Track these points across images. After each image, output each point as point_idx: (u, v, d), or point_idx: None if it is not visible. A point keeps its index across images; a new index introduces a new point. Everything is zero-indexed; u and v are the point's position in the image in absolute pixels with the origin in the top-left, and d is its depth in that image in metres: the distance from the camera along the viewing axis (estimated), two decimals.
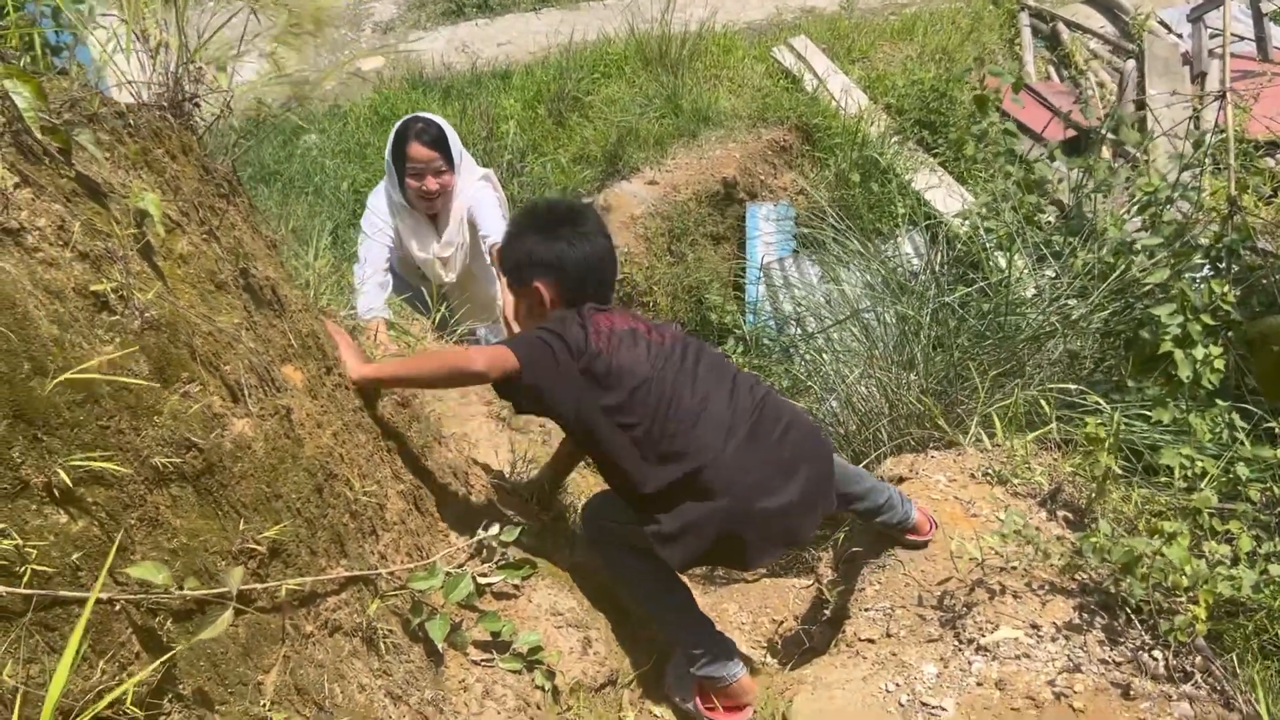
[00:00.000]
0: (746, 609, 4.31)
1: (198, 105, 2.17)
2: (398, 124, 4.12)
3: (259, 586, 1.84)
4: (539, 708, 2.44)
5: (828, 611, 3.70)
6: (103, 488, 1.57)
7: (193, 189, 2.04)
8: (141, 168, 1.92)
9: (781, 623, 4.06)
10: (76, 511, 1.53)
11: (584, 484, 3.77)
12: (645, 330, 2.66)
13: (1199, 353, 3.67)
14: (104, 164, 1.80)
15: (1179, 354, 3.69)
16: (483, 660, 2.42)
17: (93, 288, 1.62)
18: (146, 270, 1.77)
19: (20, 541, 1.44)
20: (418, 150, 4.05)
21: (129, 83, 2.11)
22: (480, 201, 4.36)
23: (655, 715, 2.81)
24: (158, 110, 2.06)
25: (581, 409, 2.54)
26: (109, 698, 1.49)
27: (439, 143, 4.09)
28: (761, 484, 2.56)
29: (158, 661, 1.59)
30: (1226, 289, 3.77)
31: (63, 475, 1.49)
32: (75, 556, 1.51)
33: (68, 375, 1.47)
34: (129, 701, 1.55)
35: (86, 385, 1.55)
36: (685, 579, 2.93)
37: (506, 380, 2.49)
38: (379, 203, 4.24)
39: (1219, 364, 3.67)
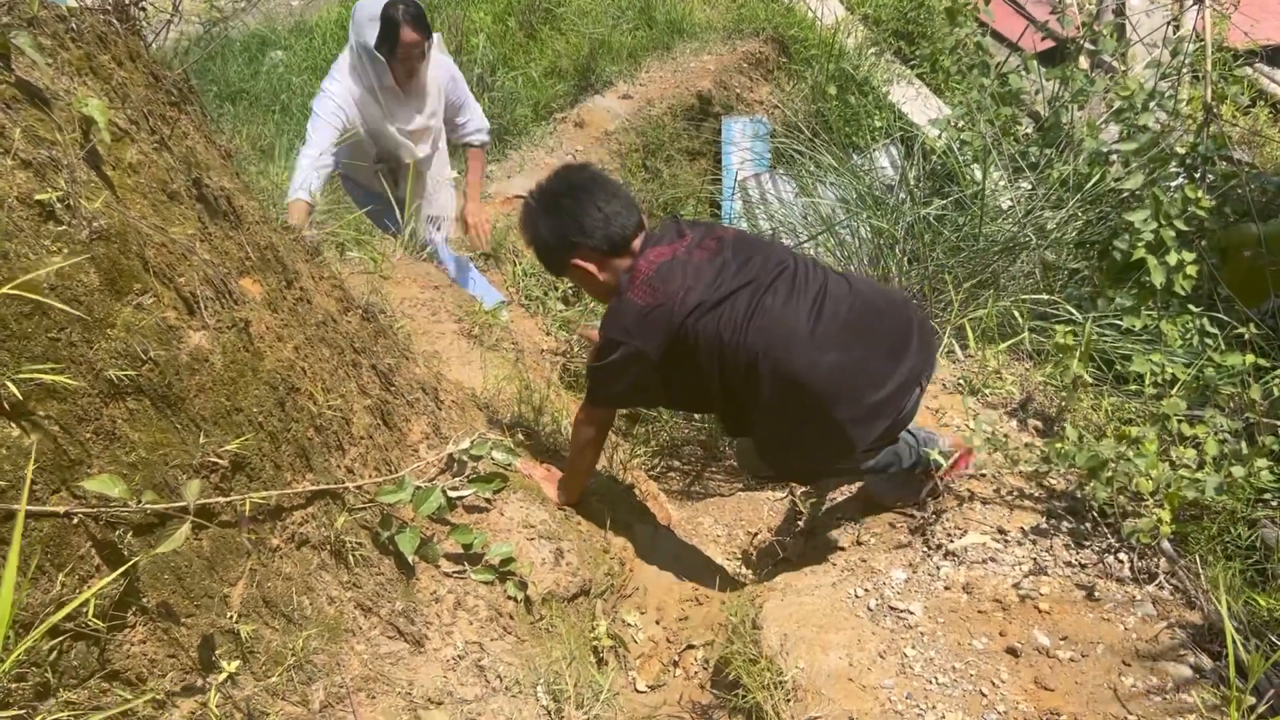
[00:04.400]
0: (721, 522, 4.34)
1: (144, 10, 2.09)
2: (372, 8, 3.89)
3: (221, 500, 1.82)
4: (512, 618, 2.45)
5: (801, 523, 3.74)
6: (55, 401, 1.55)
7: (141, 97, 1.97)
8: (86, 74, 1.85)
9: (755, 534, 4.09)
10: (29, 424, 1.51)
11: (558, 401, 3.77)
12: (686, 251, 2.66)
13: (1172, 259, 3.67)
14: (45, 70, 1.74)
15: (1152, 260, 3.68)
16: (454, 572, 2.42)
17: (37, 196, 1.57)
18: (94, 179, 1.72)
19: None
20: (409, 35, 3.94)
21: None
22: (457, 81, 4.46)
23: (627, 624, 2.84)
24: (102, 14, 1.98)
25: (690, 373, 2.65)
26: (66, 609, 1.48)
27: (423, 21, 4.00)
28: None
29: (116, 573, 1.58)
30: (1200, 194, 3.75)
31: (12, 388, 1.46)
32: (28, 469, 1.49)
33: (10, 287, 1.43)
34: (90, 614, 1.54)
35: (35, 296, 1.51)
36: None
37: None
38: (339, 88, 4.07)
39: (1191, 270, 3.67)
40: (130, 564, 1.61)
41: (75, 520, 1.56)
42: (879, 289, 2.86)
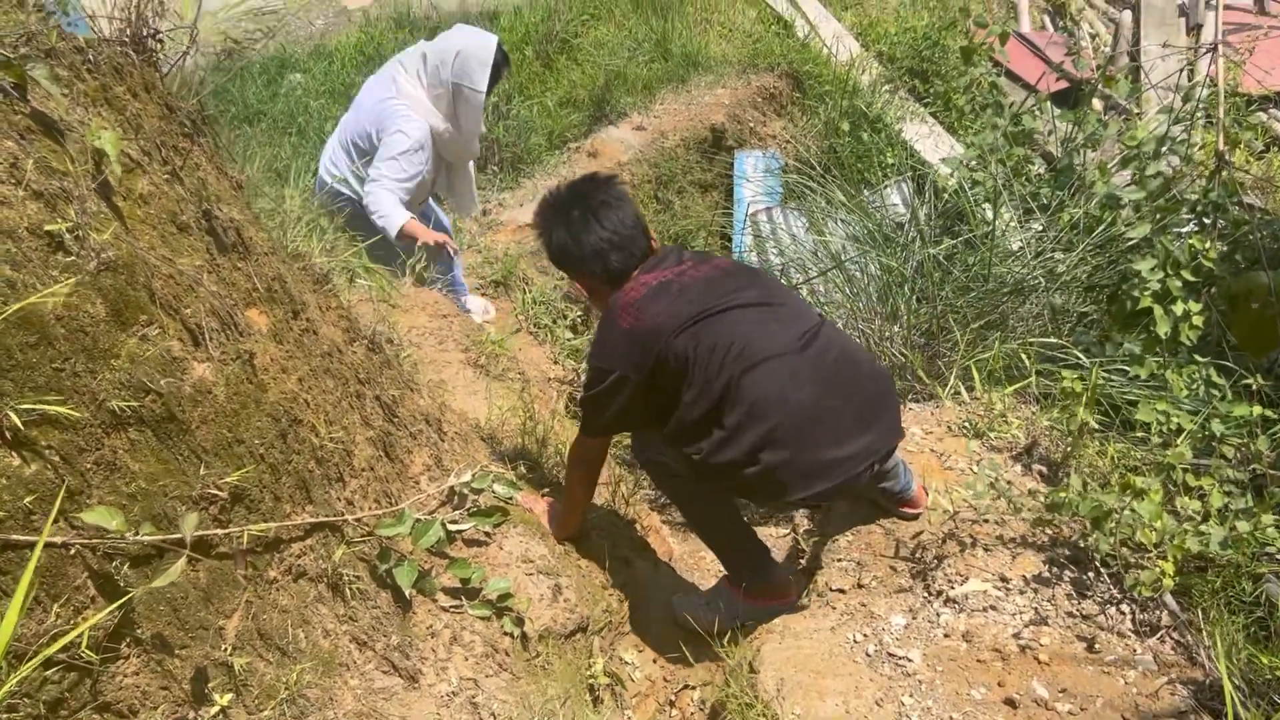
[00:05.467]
0: None
1: (161, 41, 2.11)
2: (480, 53, 4.27)
3: (219, 532, 1.83)
4: (507, 654, 2.44)
5: (803, 561, 3.72)
6: (57, 431, 1.55)
7: (155, 128, 1.99)
8: (101, 105, 1.87)
9: None
10: (30, 454, 1.51)
11: (562, 433, 3.77)
12: (677, 274, 2.66)
13: (1178, 309, 3.66)
14: (61, 101, 1.76)
15: (1158, 310, 3.67)
16: (451, 607, 2.42)
17: (47, 227, 1.58)
18: (104, 210, 1.73)
19: None
20: (503, 72, 4.51)
21: (90, 17, 2.05)
22: None
23: (624, 662, 2.83)
24: (119, 46, 2.01)
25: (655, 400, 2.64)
26: (61, 641, 1.48)
27: (506, 54, 4.55)
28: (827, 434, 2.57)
29: (112, 606, 1.58)
30: (1208, 245, 3.75)
31: (14, 418, 1.47)
32: (28, 500, 1.49)
33: (14, 308, 1.44)
34: (84, 645, 1.54)
35: (40, 327, 1.52)
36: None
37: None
38: (422, 131, 4.32)
39: (1198, 320, 3.66)
40: (126, 598, 1.61)
41: (72, 551, 1.57)
42: (868, 355, 2.87)
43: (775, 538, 4.22)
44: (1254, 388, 3.39)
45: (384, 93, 4.39)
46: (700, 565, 4.22)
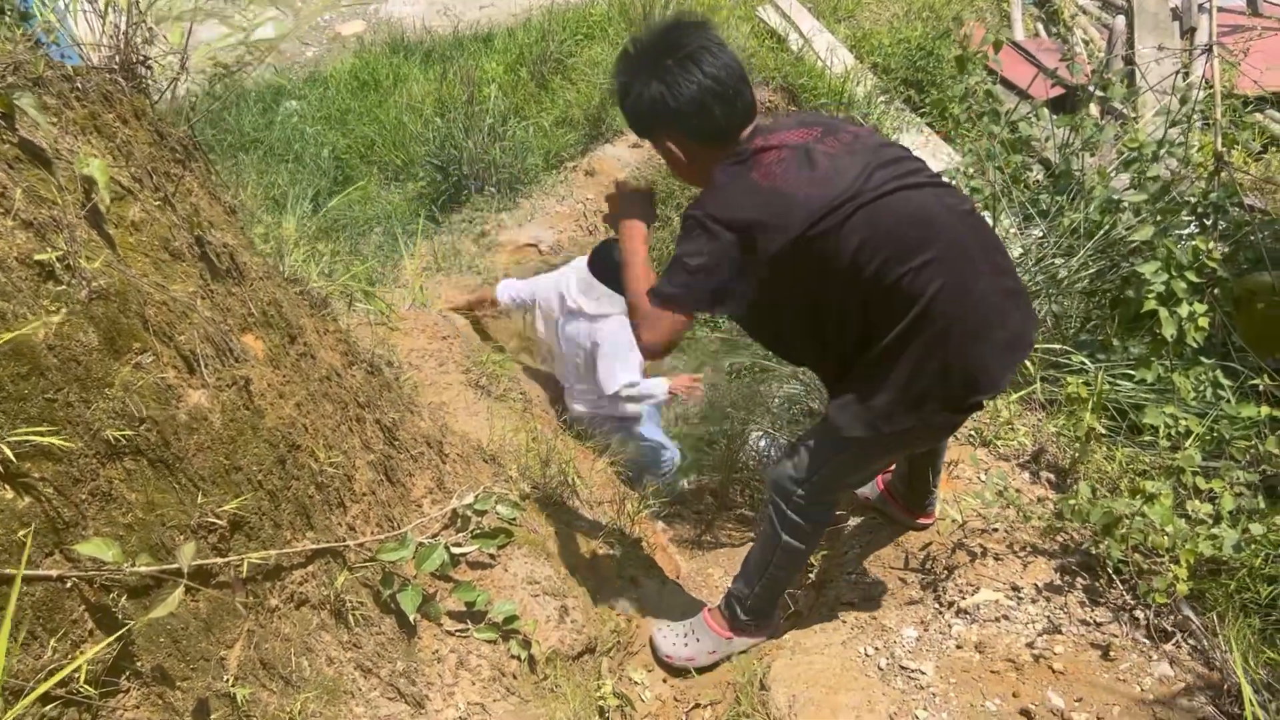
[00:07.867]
0: (731, 573, 4.29)
1: (150, 68, 2.10)
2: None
3: (218, 561, 1.80)
4: (515, 677, 2.41)
5: (812, 575, 3.69)
6: (51, 462, 1.53)
7: (146, 155, 1.98)
8: (90, 133, 1.86)
9: None
10: (23, 487, 1.49)
11: (566, 452, 3.74)
12: (814, 139, 2.23)
13: (1184, 310, 3.63)
14: (49, 129, 1.75)
15: (1163, 312, 3.64)
16: (457, 631, 2.39)
17: (37, 257, 1.56)
18: (95, 238, 1.71)
19: None
20: None
21: (77, 45, 2.05)
22: None
23: (634, 682, 2.79)
24: (107, 73, 2.00)
25: (782, 287, 2.21)
26: (58, 676, 1.45)
27: None
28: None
29: (110, 639, 1.55)
30: (1211, 246, 3.72)
31: (6, 450, 1.45)
32: (21, 533, 1.47)
33: (5, 339, 1.42)
34: (82, 679, 1.51)
35: (32, 357, 1.50)
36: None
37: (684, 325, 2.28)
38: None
39: (1203, 322, 3.63)
40: (124, 630, 1.58)
41: (69, 584, 1.54)
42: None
43: None
44: (1261, 388, 3.36)
45: (588, 326, 4.31)
46: (708, 583, 4.18)
